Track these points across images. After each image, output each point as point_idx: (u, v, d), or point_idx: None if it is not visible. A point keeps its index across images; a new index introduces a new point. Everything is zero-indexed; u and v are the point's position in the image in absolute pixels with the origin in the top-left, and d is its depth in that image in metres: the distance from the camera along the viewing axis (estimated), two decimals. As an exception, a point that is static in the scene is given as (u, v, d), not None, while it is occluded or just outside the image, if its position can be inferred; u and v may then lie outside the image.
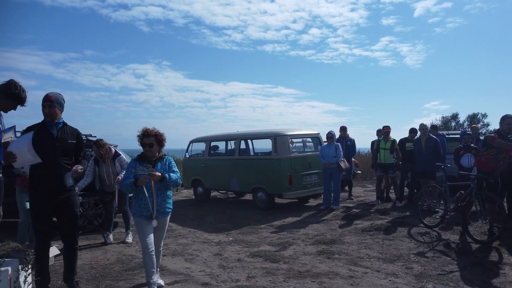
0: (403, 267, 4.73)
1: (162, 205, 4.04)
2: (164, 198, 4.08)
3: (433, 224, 6.63)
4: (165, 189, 4.07)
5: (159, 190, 4.03)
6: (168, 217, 4.22)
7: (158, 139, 4.06)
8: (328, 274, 4.53)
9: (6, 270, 2.68)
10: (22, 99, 3.84)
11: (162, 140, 4.12)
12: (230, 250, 5.64)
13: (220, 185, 9.98)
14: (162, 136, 4.12)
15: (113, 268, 4.84)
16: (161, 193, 4.06)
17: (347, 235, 6.34)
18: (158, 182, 3.94)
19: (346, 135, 9.98)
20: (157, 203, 4.00)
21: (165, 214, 4.13)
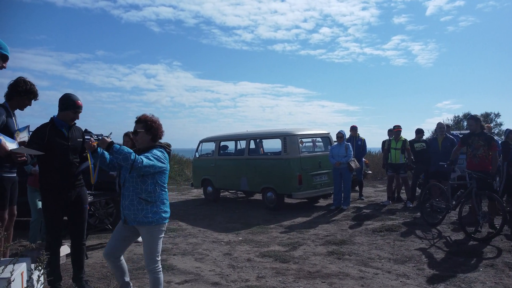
0: (415, 268, 4.68)
1: (131, 210, 3.16)
2: (133, 202, 3.16)
3: (435, 222, 6.69)
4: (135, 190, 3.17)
5: (127, 190, 3.21)
6: (150, 229, 3.19)
7: (148, 126, 3.27)
8: (339, 274, 4.50)
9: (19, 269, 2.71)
10: (35, 92, 3.92)
11: (153, 128, 3.28)
12: (239, 250, 5.64)
13: (230, 184, 10.00)
14: (154, 123, 3.30)
15: (123, 267, 4.86)
16: (129, 194, 3.18)
17: (357, 236, 6.30)
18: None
19: (357, 134, 9.92)
20: (125, 207, 3.20)
21: (140, 223, 3.17)
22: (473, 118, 6.30)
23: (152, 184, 3.18)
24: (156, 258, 3.23)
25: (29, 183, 5.37)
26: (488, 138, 6.12)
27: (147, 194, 3.16)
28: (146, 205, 3.15)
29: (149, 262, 3.22)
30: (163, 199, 3.27)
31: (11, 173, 3.95)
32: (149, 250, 3.22)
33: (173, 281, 4.34)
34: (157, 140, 3.36)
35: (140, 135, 3.28)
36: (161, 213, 3.22)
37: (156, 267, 3.22)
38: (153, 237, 3.20)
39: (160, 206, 3.22)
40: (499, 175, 8.32)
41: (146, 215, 3.14)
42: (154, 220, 3.16)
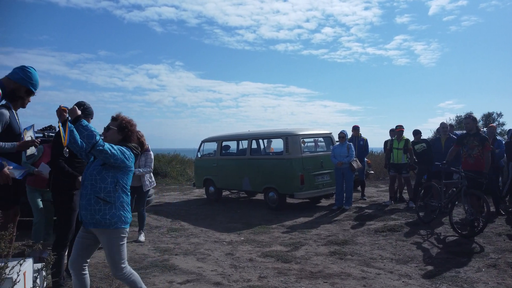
0: (417, 268, 4.68)
1: (88, 210, 2.96)
2: (90, 202, 2.95)
3: (429, 220, 6.85)
4: (94, 189, 2.96)
5: (85, 188, 2.99)
6: (108, 235, 2.98)
7: (122, 126, 3.17)
8: (341, 275, 4.50)
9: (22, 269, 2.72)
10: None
11: (126, 129, 3.19)
12: (241, 250, 5.64)
13: (232, 184, 10.00)
14: (130, 125, 3.21)
15: (126, 267, 4.87)
16: (87, 193, 2.98)
17: (359, 236, 6.29)
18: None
19: (359, 134, 9.91)
20: (82, 207, 3.00)
21: (97, 226, 2.96)
22: (471, 117, 6.42)
23: (112, 183, 3.00)
24: (121, 265, 3.05)
25: (29, 183, 5.26)
26: (483, 139, 6.25)
27: (106, 194, 2.97)
28: (104, 206, 2.95)
29: (114, 271, 3.06)
30: (123, 203, 3.07)
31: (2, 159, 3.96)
32: (111, 259, 3.04)
33: (175, 281, 4.35)
34: (127, 142, 3.22)
35: (110, 132, 3.18)
36: (120, 216, 3.01)
37: (124, 274, 3.07)
38: (113, 244, 3.00)
39: (119, 209, 3.02)
40: (502, 176, 8.30)
41: (104, 216, 2.94)
42: (111, 223, 2.96)
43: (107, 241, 3.01)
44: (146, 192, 6.31)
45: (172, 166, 17.55)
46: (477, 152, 6.24)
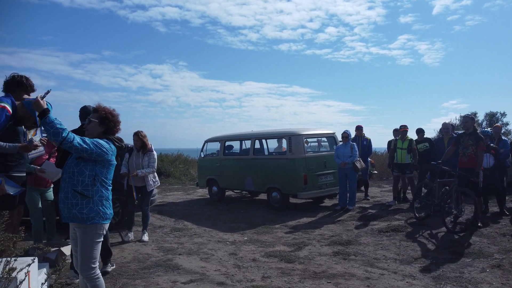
0: (421, 268, 4.66)
1: (65, 203, 2.89)
2: (68, 195, 2.87)
3: (423, 217, 7.10)
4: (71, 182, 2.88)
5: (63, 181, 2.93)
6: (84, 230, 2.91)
7: (102, 117, 3.08)
8: (344, 275, 4.49)
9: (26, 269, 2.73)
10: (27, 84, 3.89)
11: (107, 120, 3.10)
12: (245, 250, 5.64)
13: (235, 184, 10.00)
14: (111, 115, 3.12)
15: (129, 267, 4.88)
16: (65, 186, 2.90)
17: (363, 236, 6.28)
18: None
19: (362, 134, 9.88)
20: (60, 200, 2.95)
21: (73, 220, 2.90)
22: (469, 117, 6.65)
23: (90, 177, 2.88)
24: (92, 265, 2.94)
25: (29, 182, 5.02)
26: (477, 138, 6.43)
27: (84, 187, 2.87)
28: (81, 200, 2.86)
29: (83, 268, 2.93)
30: (102, 197, 2.96)
31: (20, 172, 3.98)
32: (82, 254, 2.91)
33: (178, 281, 4.35)
34: (110, 134, 3.13)
35: (92, 125, 3.08)
36: (98, 211, 2.91)
37: (92, 274, 2.95)
38: (87, 240, 2.91)
39: (97, 203, 2.91)
40: (506, 176, 8.25)
41: (81, 211, 2.85)
42: (88, 217, 2.86)
43: (81, 236, 2.92)
44: (150, 192, 6.32)
45: (175, 166, 17.58)
46: (471, 151, 6.43)
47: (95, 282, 2.97)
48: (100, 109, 3.10)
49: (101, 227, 2.97)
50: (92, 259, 2.95)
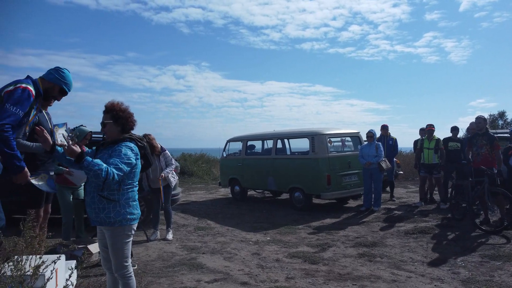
0: (449, 271, 4.53)
1: (92, 208, 2.89)
2: (94, 200, 2.87)
3: (461, 218, 6.97)
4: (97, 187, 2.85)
5: (89, 185, 2.91)
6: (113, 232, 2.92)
7: (116, 116, 2.96)
8: (370, 277, 4.39)
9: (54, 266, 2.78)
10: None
11: (121, 118, 2.98)
12: (268, 250, 5.61)
13: (257, 184, 9.98)
14: (123, 112, 3.00)
15: (154, 265, 4.93)
16: (91, 191, 2.89)
17: (389, 238, 6.14)
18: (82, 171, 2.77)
19: (388, 134, 9.69)
20: (87, 204, 2.94)
21: (101, 224, 2.91)
22: (482, 117, 6.80)
23: (117, 183, 2.82)
24: (124, 263, 2.98)
25: (57, 181, 5.15)
26: (491, 138, 6.60)
27: (110, 192, 2.85)
28: (107, 204, 2.84)
29: (116, 268, 2.97)
30: (128, 199, 2.94)
31: (48, 171, 4.06)
32: (114, 255, 2.95)
33: (202, 280, 4.36)
34: (127, 131, 3.05)
35: (108, 127, 2.97)
36: (125, 214, 2.90)
37: (125, 272, 2.99)
38: (117, 241, 2.92)
39: (124, 206, 2.90)
40: None
41: (108, 215, 2.84)
42: (116, 221, 2.86)
43: (110, 238, 2.93)
44: (171, 189, 6.40)
45: (198, 165, 17.74)
46: (485, 150, 6.60)
47: (128, 280, 3.02)
48: (110, 108, 2.99)
49: (129, 228, 2.98)
50: (124, 258, 2.98)
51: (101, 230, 3.03)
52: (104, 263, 3.14)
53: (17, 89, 2.85)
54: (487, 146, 6.59)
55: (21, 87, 2.87)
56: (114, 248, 2.94)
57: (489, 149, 6.57)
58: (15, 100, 2.82)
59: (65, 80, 3.25)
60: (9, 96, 2.82)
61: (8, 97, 2.82)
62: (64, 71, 3.26)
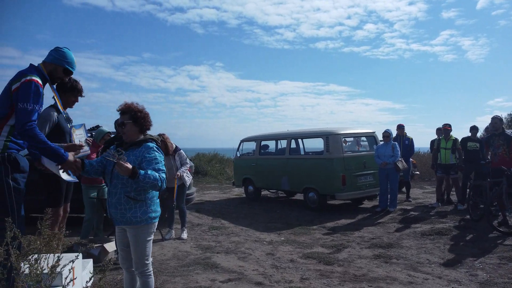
0: (467, 274, 4.45)
1: (118, 208, 2.92)
2: (120, 201, 2.91)
3: (478, 219, 6.83)
4: (124, 188, 2.91)
5: (114, 187, 2.95)
6: (137, 230, 2.96)
7: (135, 116, 2.98)
8: (386, 279, 4.34)
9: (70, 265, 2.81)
10: (78, 89, 4.07)
11: (140, 118, 3.00)
12: (282, 250, 5.59)
13: (271, 184, 9.96)
14: (141, 112, 3.02)
15: (169, 264, 4.96)
16: (116, 192, 2.93)
17: (405, 239, 6.06)
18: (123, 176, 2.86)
19: (404, 134, 9.55)
20: (111, 205, 2.96)
21: (127, 223, 2.95)
22: (498, 118, 6.91)
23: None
24: (145, 261, 3.02)
25: (83, 181, 5.41)
26: (508, 138, 6.64)
27: (137, 193, 2.92)
28: (134, 204, 2.91)
29: (137, 265, 3.01)
30: (152, 197, 3.03)
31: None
32: (137, 253, 3.00)
33: (217, 279, 4.37)
34: (145, 131, 3.09)
35: (128, 127, 2.99)
36: (150, 212, 2.98)
37: (145, 271, 3.03)
38: (141, 239, 2.98)
39: (149, 205, 2.98)
40: None
41: (134, 214, 2.90)
42: (142, 219, 2.93)
43: (134, 236, 2.98)
44: (186, 188, 6.45)
45: (212, 165, 17.82)
46: (502, 151, 6.64)
47: (147, 278, 3.05)
48: (128, 108, 3.01)
49: (152, 226, 3.05)
50: (145, 256, 3.02)
51: (122, 229, 3.07)
52: (123, 262, 3.16)
53: (23, 84, 2.84)
54: (504, 146, 6.61)
55: (26, 81, 2.85)
56: (137, 246, 2.99)
57: (506, 150, 6.58)
58: (26, 96, 2.80)
59: (66, 59, 3.17)
60: (19, 94, 2.81)
61: (17, 96, 2.81)
62: (63, 50, 3.18)
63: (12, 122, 2.90)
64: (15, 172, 2.88)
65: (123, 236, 3.08)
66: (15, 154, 2.92)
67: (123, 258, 3.15)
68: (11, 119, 2.90)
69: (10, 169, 2.85)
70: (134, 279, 3.17)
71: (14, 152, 2.91)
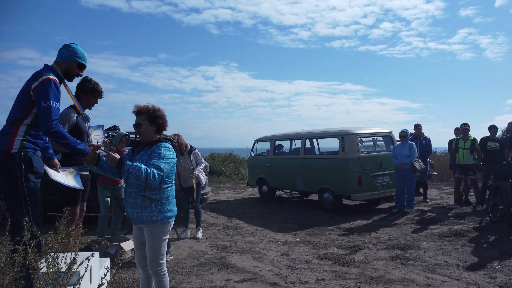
0: (486, 276, 4.36)
1: (134, 208, 2.96)
2: (136, 200, 2.94)
3: (497, 220, 6.73)
4: (139, 187, 2.92)
5: (130, 186, 2.99)
6: (153, 229, 2.98)
7: (151, 116, 3.04)
8: (403, 281, 4.28)
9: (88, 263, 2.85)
10: (99, 91, 4.13)
11: (157, 117, 3.06)
12: (297, 251, 5.56)
13: (285, 184, 9.93)
14: (158, 112, 3.07)
15: (184, 263, 4.99)
16: (132, 191, 2.97)
17: (422, 241, 5.97)
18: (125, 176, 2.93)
19: (421, 133, 9.41)
20: (128, 205, 3.01)
21: (143, 223, 2.98)
22: None
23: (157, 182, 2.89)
24: (160, 261, 3.03)
25: (99, 182, 5.64)
26: None
27: (152, 192, 2.93)
28: (150, 203, 2.93)
29: (152, 265, 3.02)
30: (168, 197, 3.04)
31: (83, 170, 4.18)
32: (151, 252, 3.02)
33: (232, 279, 4.37)
34: (162, 131, 3.13)
35: (143, 127, 3.03)
36: (166, 212, 3.00)
37: (160, 270, 3.04)
38: (156, 238, 3.00)
39: (165, 204, 3.00)
40: None
41: (150, 213, 2.93)
42: (158, 219, 2.96)
43: (150, 235, 3.00)
44: (201, 187, 6.48)
45: (226, 165, 17.88)
46: None
47: (161, 277, 3.06)
48: (145, 109, 3.05)
49: (168, 225, 3.06)
50: (160, 256, 3.03)
51: (139, 228, 3.10)
52: (139, 261, 3.19)
53: (42, 83, 2.89)
54: None
55: (45, 80, 2.91)
56: (152, 245, 3.01)
57: None
58: (47, 95, 2.85)
59: (77, 54, 3.21)
60: (39, 93, 2.87)
61: (38, 95, 2.87)
62: (72, 45, 3.23)
63: (28, 121, 2.97)
64: (30, 173, 2.93)
65: (140, 234, 3.11)
66: (31, 155, 2.97)
67: (139, 257, 3.17)
68: (27, 119, 2.97)
69: (25, 169, 2.90)
70: (150, 278, 3.18)
71: (30, 152, 2.97)
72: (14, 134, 2.91)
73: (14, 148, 2.89)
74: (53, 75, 2.99)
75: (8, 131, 2.92)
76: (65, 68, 3.18)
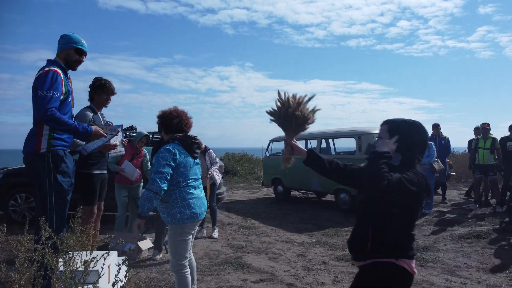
0: (507, 279, 4.28)
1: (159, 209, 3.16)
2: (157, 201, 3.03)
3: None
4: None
5: None
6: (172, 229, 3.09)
7: (162, 120, 3.25)
8: (422, 283, 4.21)
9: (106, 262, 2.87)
10: (107, 86, 4.19)
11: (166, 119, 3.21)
12: (313, 252, 5.53)
13: (301, 184, 9.88)
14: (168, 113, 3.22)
15: (201, 263, 5.00)
16: None
17: (441, 242, 5.87)
18: None
19: (440, 133, 9.25)
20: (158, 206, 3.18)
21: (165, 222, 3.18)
22: None
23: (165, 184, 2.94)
24: (178, 261, 3.07)
25: (117, 181, 5.64)
26: None
27: (164, 193, 2.97)
28: (161, 204, 3.07)
29: (171, 264, 3.13)
30: (176, 199, 3.03)
31: (101, 170, 4.23)
32: (170, 251, 3.15)
33: (248, 279, 4.37)
34: (172, 131, 3.19)
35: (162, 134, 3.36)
36: (176, 214, 3.00)
37: (178, 270, 3.08)
38: (171, 238, 3.10)
39: (174, 206, 3.01)
40: None
41: (164, 215, 3.09)
42: (168, 220, 3.06)
43: (169, 235, 3.16)
44: (216, 187, 6.49)
45: (241, 164, 17.90)
46: None
47: (180, 278, 3.10)
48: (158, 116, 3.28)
49: (182, 227, 3.05)
50: (178, 256, 3.08)
51: None
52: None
53: (41, 74, 2.92)
54: None
55: (43, 71, 2.93)
56: (169, 245, 3.15)
57: None
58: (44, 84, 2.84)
59: (73, 40, 3.23)
60: (37, 84, 2.89)
61: (36, 86, 2.89)
62: (68, 34, 3.28)
63: None
64: (58, 173, 2.95)
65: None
66: (61, 152, 2.99)
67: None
68: None
69: (53, 168, 2.92)
70: (181, 284, 3.23)
71: (59, 150, 2.99)
72: (40, 134, 2.94)
73: (42, 148, 2.92)
74: (55, 67, 3.01)
75: (35, 132, 2.96)
76: (65, 57, 3.19)
